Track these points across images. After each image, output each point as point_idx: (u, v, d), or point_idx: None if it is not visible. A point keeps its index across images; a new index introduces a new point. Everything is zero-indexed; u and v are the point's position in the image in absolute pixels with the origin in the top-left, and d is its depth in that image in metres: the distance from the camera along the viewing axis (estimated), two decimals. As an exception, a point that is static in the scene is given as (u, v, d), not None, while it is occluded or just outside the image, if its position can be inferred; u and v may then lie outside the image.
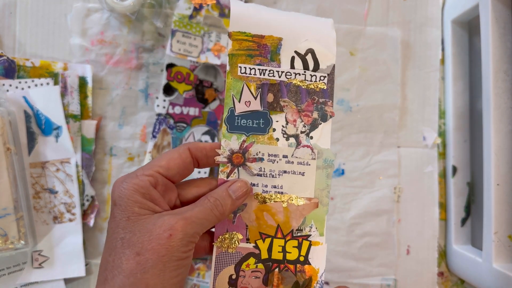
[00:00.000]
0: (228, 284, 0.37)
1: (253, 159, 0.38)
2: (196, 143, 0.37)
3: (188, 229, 0.33)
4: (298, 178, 0.38)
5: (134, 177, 0.35)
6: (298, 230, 0.38)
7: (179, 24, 0.59)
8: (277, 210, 0.38)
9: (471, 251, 0.61)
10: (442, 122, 0.66)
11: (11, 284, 0.54)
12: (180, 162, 0.36)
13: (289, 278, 0.37)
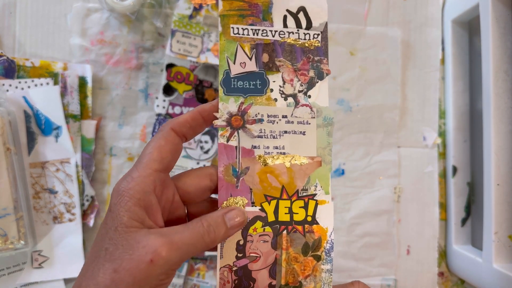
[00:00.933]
0: (236, 251, 0.36)
1: (252, 121, 0.37)
2: (176, 120, 0.36)
3: (172, 256, 0.31)
4: (299, 138, 0.38)
5: (131, 181, 0.33)
6: (303, 190, 0.37)
7: (179, 24, 0.59)
8: (281, 171, 0.37)
9: (471, 251, 0.61)
10: (442, 122, 0.66)
11: (11, 284, 0.54)
12: (170, 148, 0.35)
13: (298, 239, 0.37)
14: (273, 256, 0.36)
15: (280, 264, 0.36)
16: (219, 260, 0.36)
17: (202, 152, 0.60)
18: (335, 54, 0.64)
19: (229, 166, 0.37)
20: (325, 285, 0.36)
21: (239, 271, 0.36)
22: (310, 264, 0.37)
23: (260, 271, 0.36)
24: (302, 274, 0.37)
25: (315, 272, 0.37)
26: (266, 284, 0.36)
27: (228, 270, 0.36)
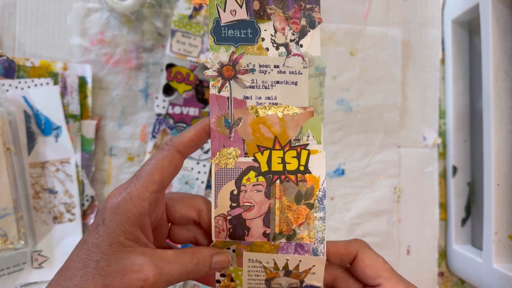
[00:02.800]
0: (230, 201, 0.37)
1: (244, 71, 0.37)
2: (181, 140, 0.36)
3: (158, 285, 0.32)
4: (291, 88, 0.37)
5: (129, 199, 0.33)
6: (295, 140, 0.37)
7: (179, 24, 0.59)
8: (273, 122, 0.37)
9: (471, 251, 0.61)
10: (442, 122, 0.66)
11: (10, 284, 0.54)
12: (172, 170, 0.35)
13: (291, 188, 0.37)
14: (266, 205, 0.37)
15: (273, 213, 0.37)
16: (213, 210, 0.36)
17: (202, 152, 0.60)
18: (335, 54, 0.64)
19: (221, 117, 0.37)
20: (319, 232, 0.37)
21: (234, 220, 0.37)
22: (303, 212, 0.37)
23: (254, 220, 0.37)
24: (296, 222, 0.37)
25: (309, 220, 0.37)
26: (261, 232, 0.37)
27: (223, 219, 0.36)
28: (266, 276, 0.38)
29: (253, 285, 0.38)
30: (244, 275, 0.38)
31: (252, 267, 0.38)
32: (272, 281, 0.38)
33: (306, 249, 0.37)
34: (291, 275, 0.38)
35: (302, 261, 0.37)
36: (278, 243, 0.37)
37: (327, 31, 0.64)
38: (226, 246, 0.37)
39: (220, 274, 0.38)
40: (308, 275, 0.38)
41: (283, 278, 0.38)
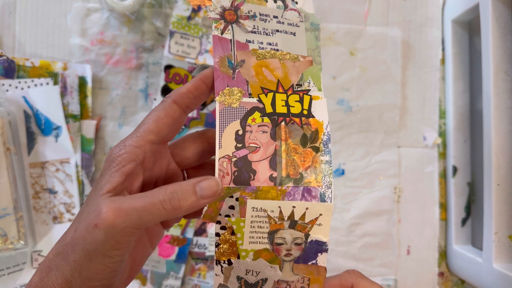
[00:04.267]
0: (235, 141, 0.35)
1: (245, 17, 0.38)
2: (178, 92, 0.35)
3: (116, 222, 0.30)
4: (290, 37, 0.39)
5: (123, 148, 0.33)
6: (297, 85, 0.37)
7: (178, 26, 0.59)
8: (275, 66, 0.38)
9: (471, 251, 0.61)
10: (442, 122, 0.66)
11: (10, 284, 0.54)
12: (169, 121, 0.35)
13: (296, 131, 0.36)
14: (272, 147, 0.36)
15: (280, 155, 0.36)
16: (217, 151, 0.35)
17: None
18: (335, 54, 0.64)
19: (225, 57, 0.37)
20: (326, 176, 0.36)
21: (239, 162, 0.35)
22: (309, 155, 0.36)
23: (261, 162, 0.35)
24: (302, 166, 0.36)
25: (315, 164, 0.36)
26: (267, 176, 0.35)
27: (227, 161, 0.35)
28: (270, 228, 0.36)
29: (255, 239, 0.36)
30: (246, 227, 0.36)
31: (256, 217, 0.36)
32: (276, 234, 0.36)
33: (314, 194, 0.36)
34: (296, 227, 0.36)
35: (309, 209, 0.36)
36: (285, 187, 0.35)
37: (327, 31, 0.64)
38: (229, 193, 0.35)
39: (220, 227, 0.36)
40: (314, 227, 0.36)
41: (288, 231, 0.36)
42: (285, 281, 0.37)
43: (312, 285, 0.37)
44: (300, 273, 0.36)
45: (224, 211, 0.35)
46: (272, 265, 0.36)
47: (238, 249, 0.36)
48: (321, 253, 0.37)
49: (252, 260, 0.36)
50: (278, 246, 0.36)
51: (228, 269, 0.36)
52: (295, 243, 0.36)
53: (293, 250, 0.36)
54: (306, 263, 0.36)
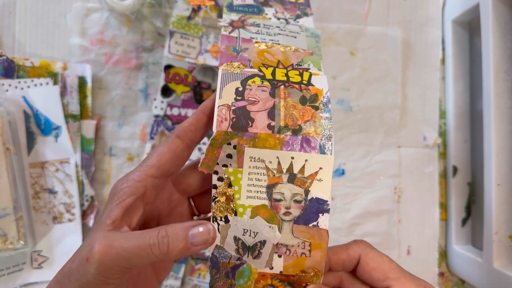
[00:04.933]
0: (235, 94, 0.35)
1: (251, 24, 0.42)
2: (181, 127, 0.36)
3: (106, 260, 0.30)
4: (292, 39, 0.41)
5: (125, 182, 0.34)
6: (297, 64, 0.38)
7: (177, 25, 0.59)
8: (277, 52, 0.39)
9: (471, 251, 0.61)
10: (442, 122, 0.66)
11: (10, 285, 0.54)
12: (171, 156, 0.35)
13: (295, 93, 0.36)
14: (271, 102, 0.35)
15: (278, 109, 0.35)
16: (217, 100, 0.35)
17: (200, 154, 0.60)
18: (335, 54, 0.64)
19: (230, 46, 0.39)
20: (326, 130, 0.35)
21: (237, 110, 0.35)
22: (308, 112, 0.35)
23: (259, 112, 0.35)
24: (302, 119, 0.35)
25: (314, 119, 0.35)
26: (265, 124, 0.35)
27: (227, 109, 0.35)
28: (268, 181, 0.35)
29: (252, 193, 0.35)
30: (244, 180, 0.35)
31: (254, 168, 0.35)
32: (274, 188, 0.35)
33: (313, 145, 0.34)
34: (295, 181, 0.35)
35: (308, 161, 0.34)
36: (283, 136, 0.34)
37: (327, 31, 0.64)
38: (227, 140, 0.34)
39: (217, 178, 0.35)
40: (314, 182, 0.35)
41: (287, 185, 0.35)
42: (284, 245, 0.35)
43: (314, 251, 0.35)
44: (301, 237, 0.35)
45: (221, 160, 0.35)
46: (270, 224, 0.35)
47: (235, 204, 0.35)
48: (322, 214, 0.35)
49: (249, 218, 0.35)
50: (277, 203, 0.35)
51: (225, 228, 0.35)
52: (295, 200, 0.35)
53: (293, 208, 0.35)
54: (306, 224, 0.35)
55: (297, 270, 0.35)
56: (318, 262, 0.35)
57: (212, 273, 0.36)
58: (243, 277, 0.36)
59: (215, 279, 0.36)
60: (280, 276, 0.36)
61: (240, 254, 0.35)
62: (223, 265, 0.36)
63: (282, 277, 0.36)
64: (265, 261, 0.35)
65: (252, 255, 0.35)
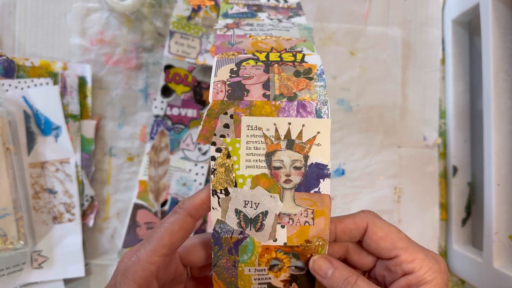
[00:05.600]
0: (230, 73, 0.36)
1: (245, 24, 0.43)
2: (192, 203, 0.35)
3: None
4: (284, 32, 0.42)
5: (137, 263, 0.34)
6: (290, 48, 0.39)
7: (177, 26, 0.59)
8: (270, 42, 0.39)
9: (471, 251, 0.61)
10: (442, 122, 0.66)
11: (10, 285, 0.54)
12: (183, 234, 0.35)
13: (289, 68, 0.36)
14: (266, 77, 0.35)
15: (273, 81, 0.35)
16: (213, 78, 0.35)
17: (200, 154, 0.60)
18: (335, 54, 0.64)
19: (225, 41, 0.39)
20: (321, 96, 0.35)
21: (233, 84, 0.35)
22: (303, 82, 0.35)
23: (254, 84, 0.35)
24: (296, 88, 0.35)
25: (309, 87, 0.35)
26: (260, 93, 0.35)
27: (222, 83, 0.35)
28: (267, 149, 0.35)
29: (252, 162, 0.35)
30: (242, 149, 0.35)
31: (251, 136, 0.35)
32: (273, 156, 0.35)
33: (309, 110, 0.34)
34: (294, 147, 0.34)
35: (305, 126, 0.34)
36: (279, 103, 0.34)
37: (327, 31, 0.63)
38: (223, 110, 0.34)
39: (215, 149, 0.35)
40: (313, 148, 0.34)
41: (285, 152, 0.34)
42: (287, 214, 0.35)
43: (317, 218, 0.35)
44: (303, 204, 0.35)
45: (218, 130, 0.35)
46: (271, 194, 0.35)
47: (235, 175, 0.35)
48: (323, 179, 0.35)
49: (250, 189, 0.35)
50: (277, 171, 0.35)
51: (225, 201, 0.35)
52: (294, 166, 0.35)
53: (293, 175, 0.35)
54: (308, 191, 0.35)
55: (301, 240, 0.35)
56: (322, 230, 0.35)
57: (214, 250, 0.35)
58: (246, 252, 0.35)
59: (218, 257, 0.36)
60: (285, 248, 0.35)
61: (242, 228, 0.35)
62: (226, 241, 0.35)
63: (287, 249, 0.35)
64: (268, 233, 0.35)
65: (254, 227, 0.35)
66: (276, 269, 0.36)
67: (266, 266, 0.36)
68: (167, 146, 0.60)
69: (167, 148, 0.60)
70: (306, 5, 0.63)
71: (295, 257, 0.36)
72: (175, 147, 0.60)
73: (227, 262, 0.36)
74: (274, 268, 0.36)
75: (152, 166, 0.59)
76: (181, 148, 0.60)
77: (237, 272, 0.36)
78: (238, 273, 0.36)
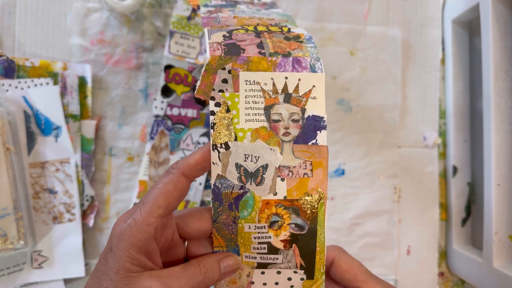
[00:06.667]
0: (223, 38, 0.37)
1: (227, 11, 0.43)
2: (187, 163, 0.36)
3: None
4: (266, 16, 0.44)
5: (134, 226, 0.33)
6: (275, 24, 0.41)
7: (177, 26, 0.59)
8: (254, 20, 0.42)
9: (471, 251, 0.61)
10: (442, 122, 0.66)
11: (10, 285, 0.54)
12: (178, 194, 0.35)
13: (278, 35, 0.38)
14: (258, 40, 0.37)
15: (266, 43, 0.37)
16: (207, 41, 0.37)
17: (202, 152, 0.60)
18: (335, 54, 0.64)
19: (211, 20, 0.41)
20: (313, 54, 0.36)
21: (228, 44, 0.36)
22: (294, 43, 0.37)
23: (248, 45, 0.37)
24: (289, 48, 0.37)
25: (301, 47, 0.37)
26: (256, 51, 0.36)
27: (217, 43, 0.37)
28: (265, 102, 0.36)
29: (251, 116, 0.36)
30: (241, 103, 0.36)
31: (250, 91, 0.36)
32: (272, 109, 0.36)
33: (304, 65, 0.36)
34: (291, 101, 0.36)
35: (301, 80, 0.36)
36: (275, 58, 0.36)
37: (327, 31, 0.64)
38: (221, 65, 0.36)
39: (214, 104, 0.36)
40: (309, 101, 0.36)
41: (283, 105, 0.36)
42: (286, 167, 0.36)
43: (315, 170, 0.36)
44: (301, 157, 0.36)
45: (217, 85, 0.36)
46: (271, 147, 0.35)
47: (235, 129, 0.35)
48: (320, 131, 0.36)
49: (250, 142, 0.35)
50: (276, 124, 0.36)
51: (225, 155, 0.35)
52: (292, 119, 0.36)
53: (291, 128, 0.36)
54: (306, 143, 0.36)
55: (301, 193, 0.36)
56: (321, 181, 0.36)
57: (214, 206, 0.36)
58: (246, 208, 0.36)
59: (218, 213, 0.36)
60: (285, 202, 0.36)
61: (242, 182, 0.35)
62: (226, 196, 0.36)
63: (287, 203, 0.36)
64: (269, 187, 0.35)
65: (255, 181, 0.35)
66: (276, 227, 0.36)
67: (266, 222, 0.36)
68: (167, 146, 0.60)
69: (167, 148, 0.60)
70: (306, 5, 0.63)
71: (295, 212, 0.36)
72: (175, 147, 0.60)
73: (227, 218, 0.36)
74: (274, 226, 0.36)
75: (152, 166, 0.59)
76: (181, 148, 0.60)
77: (237, 229, 0.36)
78: (238, 229, 0.36)
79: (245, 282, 0.37)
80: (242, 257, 0.36)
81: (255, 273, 0.37)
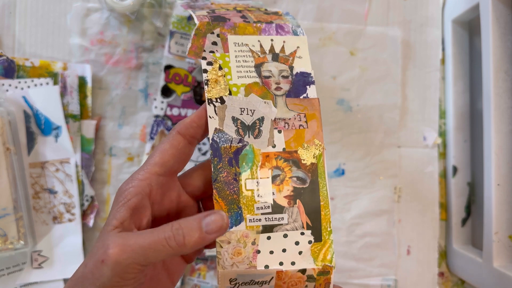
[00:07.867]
0: (207, 13, 0.39)
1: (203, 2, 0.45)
2: (183, 123, 0.36)
3: (121, 258, 0.30)
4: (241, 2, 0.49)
5: (130, 181, 0.34)
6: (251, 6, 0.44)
7: (178, 26, 0.59)
8: (231, 5, 0.44)
9: (471, 251, 0.61)
10: (442, 122, 0.66)
11: (10, 285, 0.54)
12: (174, 152, 0.35)
13: (257, 11, 0.41)
14: (240, 14, 0.41)
15: (248, 15, 0.40)
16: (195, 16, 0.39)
17: (200, 154, 0.60)
18: (335, 54, 0.64)
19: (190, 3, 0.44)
20: (293, 22, 0.40)
21: (214, 16, 0.39)
22: (275, 16, 0.41)
23: (233, 16, 0.40)
24: (271, 18, 0.40)
25: (281, 18, 0.41)
26: (241, 20, 0.39)
27: (203, 15, 0.39)
28: (255, 61, 0.38)
29: (243, 73, 0.37)
30: (232, 62, 0.37)
31: (239, 51, 0.38)
32: (262, 67, 0.37)
33: (287, 30, 0.39)
34: (279, 59, 0.38)
35: (286, 42, 0.38)
36: (259, 25, 0.38)
37: (327, 31, 0.63)
38: (210, 30, 0.37)
39: (206, 63, 0.37)
40: (296, 60, 0.38)
41: (272, 64, 0.38)
42: (282, 119, 0.37)
43: (310, 121, 0.37)
44: (295, 109, 0.37)
45: (208, 47, 0.37)
46: (265, 100, 0.37)
47: (228, 84, 0.37)
48: (309, 85, 0.38)
49: (244, 96, 0.36)
50: (267, 79, 0.37)
51: (221, 109, 0.36)
52: (282, 75, 0.38)
53: (282, 83, 0.37)
54: (297, 96, 0.37)
55: (298, 144, 0.36)
56: (317, 132, 0.37)
57: (214, 163, 0.35)
58: (247, 162, 0.36)
59: (218, 170, 0.35)
60: (284, 154, 0.36)
61: (241, 135, 0.36)
62: (225, 151, 0.35)
63: (286, 155, 0.36)
64: (267, 139, 0.36)
65: (253, 134, 0.36)
66: (279, 181, 0.36)
67: (267, 177, 0.36)
68: (167, 146, 0.60)
69: (167, 148, 0.60)
70: (306, 5, 0.63)
71: (295, 165, 0.36)
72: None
73: (227, 176, 0.35)
74: (276, 180, 0.36)
75: (152, 166, 0.59)
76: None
77: (238, 187, 0.35)
78: (240, 188, 0.35)
79: (251, 252, 0.34)
80: (246, 222, 0.34)
81: (260, 240, 0.34)
